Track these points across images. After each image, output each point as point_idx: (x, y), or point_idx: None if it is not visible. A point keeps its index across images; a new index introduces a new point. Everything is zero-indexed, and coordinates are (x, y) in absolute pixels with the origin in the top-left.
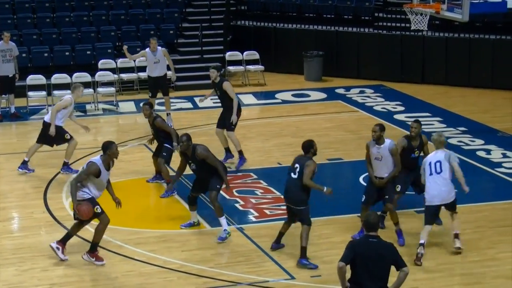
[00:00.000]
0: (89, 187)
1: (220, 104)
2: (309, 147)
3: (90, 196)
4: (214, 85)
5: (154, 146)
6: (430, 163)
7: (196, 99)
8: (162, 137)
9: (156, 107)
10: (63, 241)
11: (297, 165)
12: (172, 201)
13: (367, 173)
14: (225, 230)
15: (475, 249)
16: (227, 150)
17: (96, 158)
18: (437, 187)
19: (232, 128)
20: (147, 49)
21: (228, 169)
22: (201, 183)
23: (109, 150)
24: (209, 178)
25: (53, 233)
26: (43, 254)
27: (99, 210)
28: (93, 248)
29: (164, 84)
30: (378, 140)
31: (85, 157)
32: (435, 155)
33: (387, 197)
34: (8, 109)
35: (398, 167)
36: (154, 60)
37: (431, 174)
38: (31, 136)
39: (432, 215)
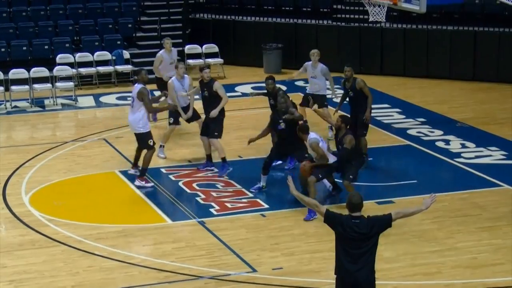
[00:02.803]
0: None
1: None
2: None
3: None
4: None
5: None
6: None
7: (156, 93)
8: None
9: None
10: (142, 175)
11: None
12: (133, 196)
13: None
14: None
15: (434, 239)
16: (209, 157)
17: (140, 84)
18: None
19: (215, 135)
20: (162, 51)
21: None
22: (282, 149)
23: (139, 75)
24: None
25: (12, 230)
26: (2, 250)
27: (151, 143)
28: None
29: None
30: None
31: (44, 152)
32: None
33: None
34: None
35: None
36: (170, 60)
37: None
38: None
39: None
